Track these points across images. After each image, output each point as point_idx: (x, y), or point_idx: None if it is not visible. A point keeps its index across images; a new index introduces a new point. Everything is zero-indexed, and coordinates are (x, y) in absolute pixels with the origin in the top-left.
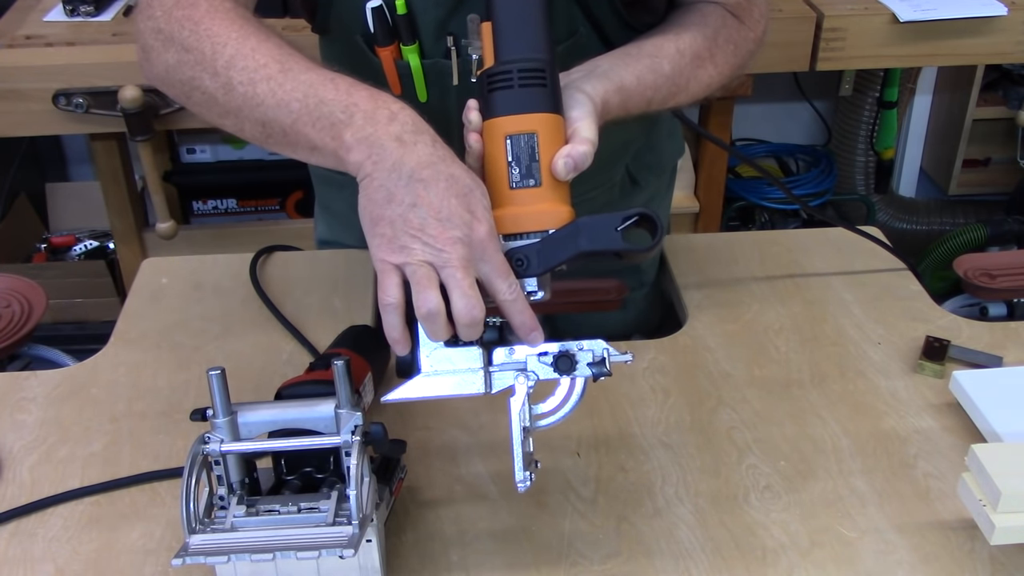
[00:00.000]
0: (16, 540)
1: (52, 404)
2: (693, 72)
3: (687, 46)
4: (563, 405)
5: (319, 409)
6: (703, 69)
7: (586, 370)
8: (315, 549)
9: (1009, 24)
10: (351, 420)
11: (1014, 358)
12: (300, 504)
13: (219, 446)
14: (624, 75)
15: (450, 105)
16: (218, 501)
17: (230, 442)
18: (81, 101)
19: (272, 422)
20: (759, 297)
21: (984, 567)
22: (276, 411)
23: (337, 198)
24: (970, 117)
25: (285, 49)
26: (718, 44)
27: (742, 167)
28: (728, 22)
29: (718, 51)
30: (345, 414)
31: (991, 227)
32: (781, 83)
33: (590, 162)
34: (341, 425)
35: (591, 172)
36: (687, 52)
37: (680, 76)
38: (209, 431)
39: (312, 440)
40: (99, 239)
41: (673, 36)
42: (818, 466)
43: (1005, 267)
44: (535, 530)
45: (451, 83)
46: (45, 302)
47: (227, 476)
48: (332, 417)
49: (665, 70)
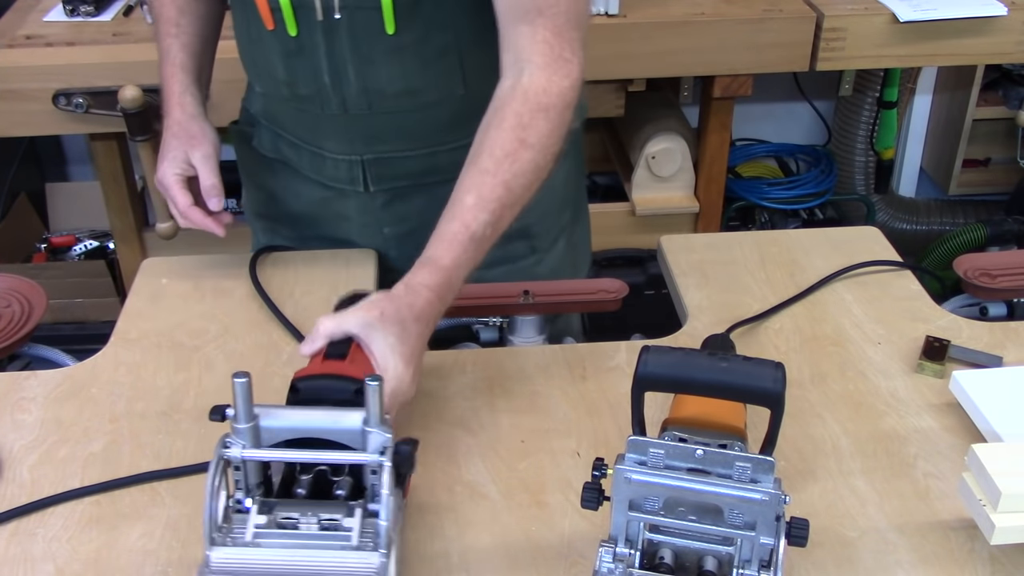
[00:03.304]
0: (16, 540)
1: (52, 404)
2: (509, 174)
3: (487, 159)
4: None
5: (346, 421)
6: (519, 160)
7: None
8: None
9: (1009, 24)
10: (380, 441)
11: (1014, 358)
12: (320, 517)
13: (240, 453)
14: (436, 251)
15: (317, 40)
16: (235, 504)
17: (251, 448)
18: (81, 101)
19: (294, 430)
20: (759, 297)
21: (984, 567)
22: (299, 419)
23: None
24: (970, 117)
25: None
26: (524, 125)
27: (742, 167)
28: (530, 92)
29: (529, 130)
30: (375, 434)
31: (991, 227)
32: (781, 83)
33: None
34: (369, 444)
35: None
36: (489, 165)
37: (493, 192)
38: (229, 434)
39: (338, 455)
40: (99, 239)
41: (473, 156)
42: (818, 466)
43: (1005, 267)
44: (535, 530)
45: (316, 18)
46: (45, 302)
47: (246, 480)
48: (359, 432)
49: (469, 202)
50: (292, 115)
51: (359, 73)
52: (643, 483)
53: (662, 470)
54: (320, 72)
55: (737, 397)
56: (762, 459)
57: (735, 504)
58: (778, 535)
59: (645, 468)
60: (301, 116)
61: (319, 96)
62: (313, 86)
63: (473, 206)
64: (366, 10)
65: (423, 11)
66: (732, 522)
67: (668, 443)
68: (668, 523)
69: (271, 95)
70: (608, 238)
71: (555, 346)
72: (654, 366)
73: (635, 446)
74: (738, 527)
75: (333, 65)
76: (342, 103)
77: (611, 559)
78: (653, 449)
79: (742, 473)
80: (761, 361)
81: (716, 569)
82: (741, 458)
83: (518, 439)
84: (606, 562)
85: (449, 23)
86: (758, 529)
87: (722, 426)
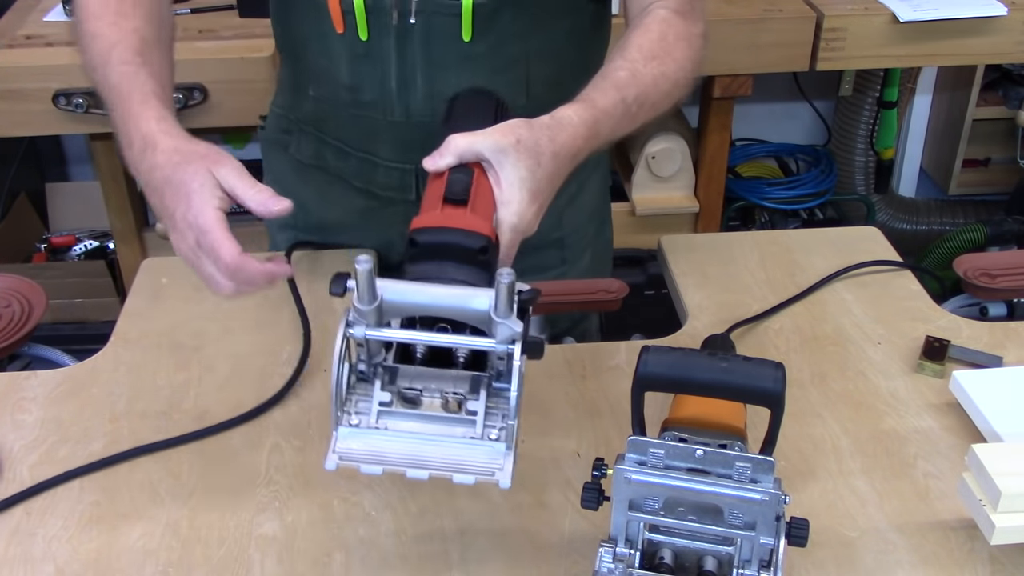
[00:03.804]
0: (16, 540)
1: (52, 404)
2: (655, 71)
3: (635, 51)
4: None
5: (475, 303)
6: (664, 65)
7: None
8: (471, 474)
9: (1009, 24)
10: (509, 333)
11: (1014, 358)
12: (444, 391)
13: (364, 332)
14: (591, 94)
15: (388, 46)
16: (360, 375)
17: (375, 327)
18: (81, 101)
19: (419, 307)
20: (759, 297)
21: (984, 567)
22: (425, 296)
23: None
24: (970, 117)
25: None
26: (668, 42)
27: (742, 167)
28: (672, 21)
29: (673, 47)
30: (504, 326)
31: (991, 227)
32: (781, 83)
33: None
34: (497, 333)
35: None
36: (638, 56)
37: (643, 76)
38: (352, 314)
39: (465, 340)
40: (99, 239)
41: (619, 50)
42: (818, 466)
43: (1005, 267)
44: (535, 530)
45: (391, 22)
46: (45, 302)
47: (368, 355)
48: (487, 315)
49: (623, 76)
50: (347, 121)
51: (428, 79)
52: (643, 483)
53: (662, 470)
54: (388, 78)
55: (737, 397)
56: (762, 459)
57: (735, 504)
58: (778, 535)
59: (645, 468)
60: (358, 121)
61: (382, 102)
62: (378, 91)
63: (626, 79)
64: (444, 16)
65: (501, 20)
66: (732, 522)
67: (668, 443)
68: (668, 523)
69: (328, 99)
70: None
71: (555, 346)
72: (654, 366)
73: (635, 446)
74: (738, 527)
75: (402, 71)
76: (406, 110)
77: (611, 559)
78: (653, 449)
79: (742, 473)
80: (761, 361)
81: (716, 569)
82: (741, 458)
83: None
84: (606, 562)
85: (522, 34)
86: (758, 529)
87: (722, 426)
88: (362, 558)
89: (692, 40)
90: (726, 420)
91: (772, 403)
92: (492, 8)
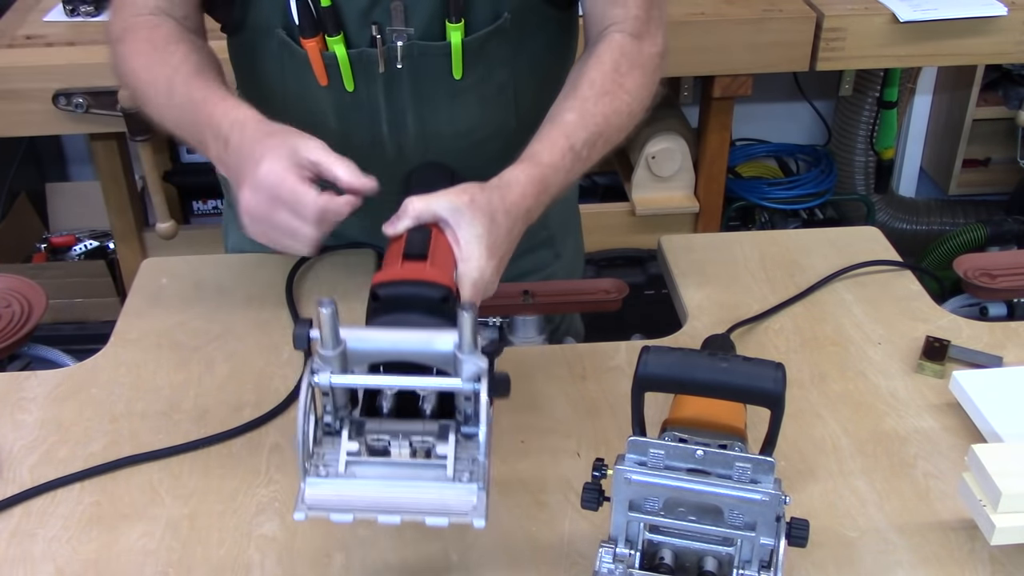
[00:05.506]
0: (16, 540)
1: (52, 404)
2: (606, 109)
3: (587, 88)
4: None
5: (438, 344)
6: (617, 100)
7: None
8: (444, 516)
9: (1009, 24)
10: (474, 369)
11: (1014, 358)
12: (412, 440)
13: (330, 379)
14: (536, 149)
15: (376, 92)
16: (325, 428)
17: (340, 373)
18: (81, 101)
19: (383, 352)
20: (759, 297)
21: (984, 567)
22: (388, 341)
23: None
24: (970, 117)
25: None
26: (621, 72)
27: (742, 167)
28: (627, 47)
29: (626, 78)
30: (469, 361)
31: (991, 227)
32: (781, 83)
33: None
34: (463, 371)
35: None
36: (589, 94)
37: (593, 117)
38: (316, 361)
39: (431, 382)
40: (99, 239)
41: (571, 85)
42: (818, 466)
43: (1005, 267)
44: (535, 530)
45: (377, 71)
46: (45, 302)
47: (334, 403)
48: (451, 355)
49: (569, 118)
50: None
51: (419, 119)
52: (643, 483)
53: (662, 470)
54: (378, 123)
55: (737, 397)
56: (762, 459)
57: (735, 504)
58: (778, 535)
59: (645, 468)
60: None
61: (373, 144)
62: (368, 136)
63: (574, 122)
64: (432, 56)
65: (488, 51)
66: (732, 522)
67: (668, 443)
68: (668, 523)
69: None
70: (608, 238)
71: (555, 346)
72: (654, 366)
73: (635, 446)
74: (738, 527)
75: (392, 114)
76: (398, 149)
77: (611, 559)
78: (653, 449)
79: (742, 473)
80: (761, 361)
81: (716, 569)
82: (741, 458)
83: (518, 439)
84: (606, 562)
85: (507, 60)
86: (758, 529)
87: (722, 426)
88: (362, 558)
89: (647, 65)
90: (726, 420)
91: (772, 403)
92: (480, 42)
